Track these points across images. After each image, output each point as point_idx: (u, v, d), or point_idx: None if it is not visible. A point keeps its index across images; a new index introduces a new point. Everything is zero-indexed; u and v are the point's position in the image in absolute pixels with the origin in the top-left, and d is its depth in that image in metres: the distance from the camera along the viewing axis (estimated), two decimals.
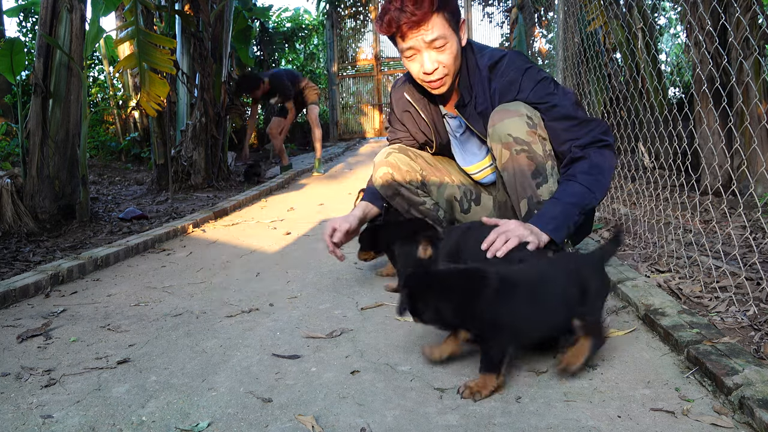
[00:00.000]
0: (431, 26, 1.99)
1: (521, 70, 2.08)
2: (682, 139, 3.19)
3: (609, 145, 2.01)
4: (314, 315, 2.22)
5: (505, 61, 2.12)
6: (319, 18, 13.63)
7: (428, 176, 2.51)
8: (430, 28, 1.99)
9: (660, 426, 1.33)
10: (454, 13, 2.05)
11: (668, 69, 7.18)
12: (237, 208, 5.19)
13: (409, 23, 1.98)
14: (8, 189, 3.88)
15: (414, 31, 2.00)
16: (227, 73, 6.99)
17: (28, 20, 9.65)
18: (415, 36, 2.01)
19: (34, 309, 2.44)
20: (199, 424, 1.41)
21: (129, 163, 9.60)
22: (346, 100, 13.61)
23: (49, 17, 4.16)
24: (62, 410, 1.52)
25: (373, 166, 2.53)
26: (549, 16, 9.44)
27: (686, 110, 3.15)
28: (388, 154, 2.48)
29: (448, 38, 2.03)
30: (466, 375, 1.62)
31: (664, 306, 1.94)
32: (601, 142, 1.99)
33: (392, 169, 2.45)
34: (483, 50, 2.18)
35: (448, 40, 2.03)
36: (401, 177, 2.45)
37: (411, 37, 2.01)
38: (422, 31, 1.99)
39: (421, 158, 2.52)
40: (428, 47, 2.03)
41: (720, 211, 3.48)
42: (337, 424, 1.39)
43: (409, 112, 2.43)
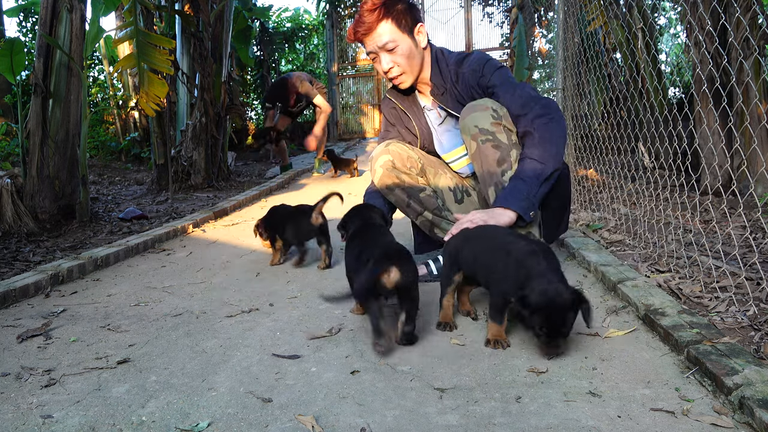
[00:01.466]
0: (380, 33, 2.34)
1: (483, 60, 2.41)
2: (682, 139, 3.19)
3: (554, 118, 2.21)
4: (314, 315, 2.22)
5: (471, 56, 2.45)
6: (319, 18, 13.64)
7: (425, 165, 2.60)
8: (380, 34, 2.34)
9: (660, 426, 1.33)
10: (403, 17, 2.36)
11: (668, 69, 7.18)
12: (237, 208, 5.19)
13: (362, 31, 2.35)
14: (8, 189, 3.88)
15: (368, 37, 2.36)
16: (227, 73, 6.99)
17: (28, 20, 9.66)
18: (370, 41, 2.37)
19: (34, 309, 2.44)
20: (199, 424, 1.41)
21: (129, 163, 9.61)
22: (346, 100, 13.61)
23: (49, 17, 4.16)
24: (62, 410, 1.52)
25: (371, 161, 2.57)
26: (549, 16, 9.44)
27: (686, 110, 3.15)
28: (387, 144, 2.56)
29: (398, 41, 2.35)
30: (466, 375, 1.62)
31: (664, 306, 1.94)
32: (547, 116, 2.20)
33: (393, 156, 2.50)
34: (451, 53, 2.51)
35: (398, 42, 2.35)
36: (402, 164, 2.51)
37: (368, 42, 2.38)
38: (374, 36, 2.35)
39: (417, 150, 2.62)
40: (382, 50, 2.36)
41: (720, 211, 3.48)
42: (337, 424, 1.39)
43: (395, 110, 2.67)
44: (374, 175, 2.54)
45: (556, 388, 1.52)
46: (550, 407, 1.43)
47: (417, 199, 2.52)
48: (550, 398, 1.47)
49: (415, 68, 2.42)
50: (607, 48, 6.48)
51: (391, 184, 2.52)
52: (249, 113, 13.03)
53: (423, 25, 2.44)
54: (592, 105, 6.10)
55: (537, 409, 1.42)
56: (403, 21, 2.35)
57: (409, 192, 2.52)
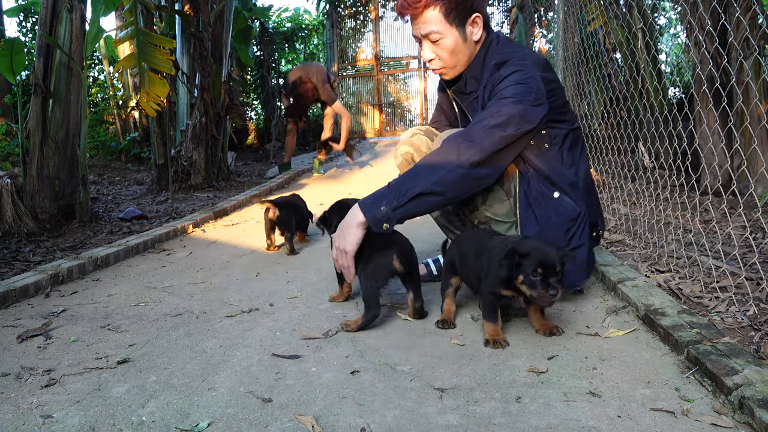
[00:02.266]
0: (425, 20, 2.12)
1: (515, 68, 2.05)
2: (682, 139, 3.19)
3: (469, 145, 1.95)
4: (314, 315, 2.22)
5: (511, 61, 2.10)
6: (319, 18, 13.64)
7: None
8: (425, 21, 2.12)
9: (660, 426, 1.33)
10: (455, 6, 2.09)
11: (668, 69, 7.18)
12: (237, 208, 5.19)
13: (407, 14, 2.15)
14: (8, 189, 3.88)
15: (413, 22, 2.16)
16: (227, 73, 6.99)
17: (28, 20, 9.66)
18: (415, 26, 2.17)
19: (34, 309, 2.44)
20: (199, 424, 1.41)
21: (129, 163, 9.61)
22: (346, 100, 13.59)
23: (49, 17, 4.16)
24: (62, 410, 1.52)
25: (398, 144, 2.53)
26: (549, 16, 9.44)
27: (686, 110, 3.15)
28: (413, 134, 2.50)
29: (443, 33, 2.12)
30: (466, 375, 1.62)
31: (664, 306, 1.94)
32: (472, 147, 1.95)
33: (413, 149, 2.46)
34: (505, 49, 2.17)
35: (443, 35, 2.12)
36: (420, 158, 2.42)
37: (413, 26, 2.17)
38: (420, 23, 2.14)
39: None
40: (427, 38, 2.16)
41: (720, 211, 3.48)
42: (337, 424, 1.39)
43: (445, 94, 2.51)
44: (396, 159, 2.53)
45: (556, 388, 1.52)
46: (550, 407, 1.43)
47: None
48: (550, 398, 1.47)
49: (460, 63, 2.20)
50: (607, 48, 6.48)
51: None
52: (249, 113, 13.03)
53: (480, 16, 2.14)
54: (592, 105, 6.10)
55: (537, 409, 1.42)
56: (454, 10, 2.09)
57: None
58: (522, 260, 1.72)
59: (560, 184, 2.14)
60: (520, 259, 1.72)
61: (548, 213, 2.13)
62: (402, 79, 13.48)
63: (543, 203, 2.13)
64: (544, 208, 2.13)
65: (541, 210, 2.13)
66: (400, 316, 2.15)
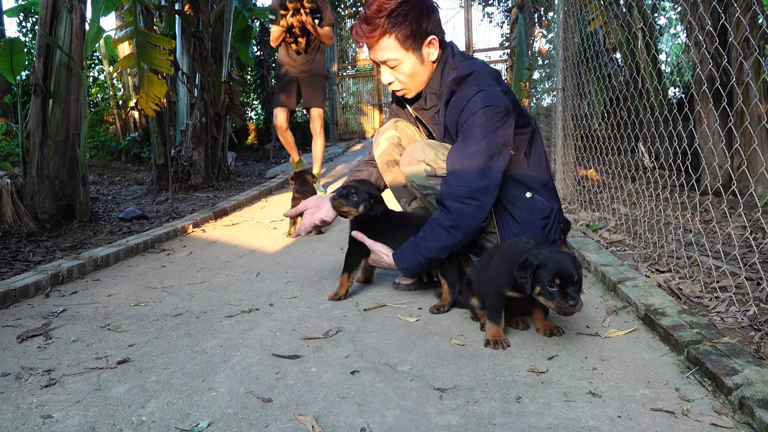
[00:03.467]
0: (381, 48, 2.18)
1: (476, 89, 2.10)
2: (682, 139, 3.19)
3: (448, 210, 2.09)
4: (314, 315, 2.22)
5: (470, 77, 2.14)
6: None
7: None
8: (381, 49, 2.18)
9: (660, 426, 1.33)
10: (410, 33, 2.14)
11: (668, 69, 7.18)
12: (237, 208, 5.19)
13: (363, 41, 2.21)
14: (8, 189, 3.88)
15: (370, 49, 2.23)
16: (227, 73, 6.99)
17: (28, 20, 9.66)
18: (371, 53, 2.24)
19: (34, 309, 2.44)
20: (199, 424, 1.41)
21: (129, 163, 9.61)
22: (346, 100, 13.60)
23: (49, 17, 4.16)
24: (62, 410, 1.52)
25: (377, 134, 2.52)
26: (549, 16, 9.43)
27: (686, 110, 3.15)
28: (396, 121, 2.50)
29: (400, 59, 2.18)
30: (466, 375, 1.62)
31: (664, 306, 1.94)
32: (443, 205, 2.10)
33: (400, 133, 2.46)
34: (460, 63, 2.23)
35: (400, 60, 2.18)
36: (408, 142, 2.45)
37: (370, 52, 2.25)
38: (376, 50, 2.21)
39: (423, 135, 2.53)
40: (385, 64, 2.22)
41: (720, 211, 3.48)
42: (337, 424, 1.39)
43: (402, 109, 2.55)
44: (376, 147, 2.49)
45: (556, 388, 1.52)
46: (550, 407, 1.43)
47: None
48: (550, 398, 1.47)
49: (420, 83, 2.27)
50: (607, 48, 6.48)
51: (392, 161, 2.46)
52: (249, 113, 13.02)
53: (436, 38, 2.19)
54: (592, 105, 6.10)
55: (537, 409, 1.42)
56: (410, 36, 2.13)
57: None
58: (537, 271, 1.67)
59: (531, 184, 2.25)
60: (534, 269, 1.67)
61: (525, 213, 2.21)
62: None
63: (517, 204, 2.21)
64: (519, 209, 2.21)
65: (517, 210, 2.21)
66: (400, 317, 2.15)
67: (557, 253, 1.72)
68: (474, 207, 2.06)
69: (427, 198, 2.33)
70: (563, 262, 1.67)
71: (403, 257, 2.20)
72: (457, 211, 2.07)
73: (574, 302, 1.65)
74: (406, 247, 2.21)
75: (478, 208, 2.07)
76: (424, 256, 2.13)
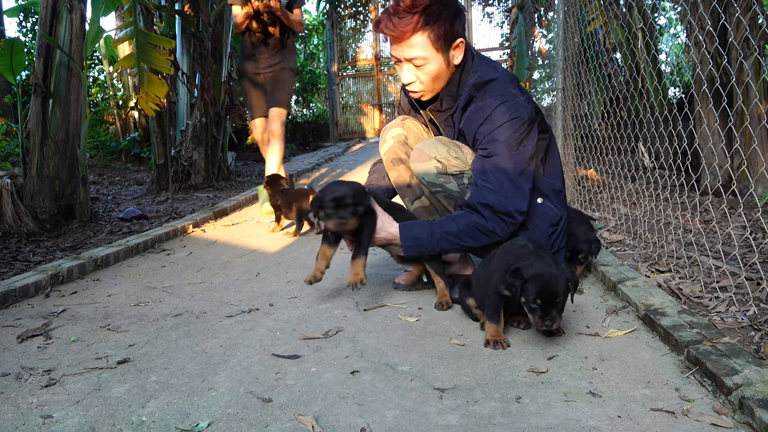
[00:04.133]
0: (411, 44, 2.07)
1: (499, 99, 2.08)
2: (682, 139, 3.19)
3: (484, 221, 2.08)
4: (314, 315, 2.22)
5: (492, 85, 2.12)
6: (319, 18, 13.64)
7: None
8: (411, 46, 2.08)
9: (660, 426, 1.33)
10: (443, 33, 2.07)
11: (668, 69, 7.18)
12: (237, 208, 5.19)
13: (391, 37, 2.09)
14: (8, 189, 3.88)
15: (396, 44, 2.11)
16: (227, 73, 6.98)
17: (28, 20, 9.65)
18: (397, 48, 2.12)
19: (34, 309, 2.44)
20: (199, 424, 1.41)
21: (129, 163, 9.60)
22: (346, 100, 13.61)
23: (49, 17, 4.16)
24: (62, 410, 1.52)
25: (384, 131, 2.49)
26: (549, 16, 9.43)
27: (686, 110, 3.15)
28: (403, 119, 2.46)
29: (429, 58, 2.09)
30: (466, 375, 1.62)
31: (664, 306, 1.94)
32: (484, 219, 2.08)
33: (407, 131, 2.43)
34: (479, 67, 2.20)
35: (428, 60, 2.10)
36: (414, 141, 2.42)
37: (394, 48, 2.13)
38: (403, 46, 2.09)
39: (431, 133, 2.51)
40: (407, 62, 2.12)
41: (720, 211, 3.48)
42: (337, 424, 1.39)
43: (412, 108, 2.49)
44: (383, 144, 2.46)
45: (556, 388, 1.52)
46: (550, 407, 1.43)
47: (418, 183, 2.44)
48: (550, 398, 1.47)
49: (438, 87, 2.20)
50: (607, 48, 6.48)
51: (397, 159, 2.43)
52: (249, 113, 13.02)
53: (464, 41, 2.14)
54: (592, 105, 6.10)
55: (537, 409, 1.42)
56: (442, 37, 2.07)
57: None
58: (525, 284, 1.71)
59: (545, 190, 2.24)
60: (522, 282, 1.71)
61: (534, 219, 2.21)
62: None
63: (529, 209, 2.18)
64: (529, 215, 2.19)
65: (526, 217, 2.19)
66: (400, 317, 2.15)
67: (549, 268, 1.72)
68: (509, 224, 2.09)
69: (435, 195, 2.30)
70: (550, 283, 1.69)
71: (409, 232, 2.14)
72: (493, 222, 2.07)
73: (551, 323, 1.71)
74: (416, 224, 2.18)
75: (511, 225, 2.10)
76: (435, 238, 2.10)
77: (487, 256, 2.06)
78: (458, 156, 2.22)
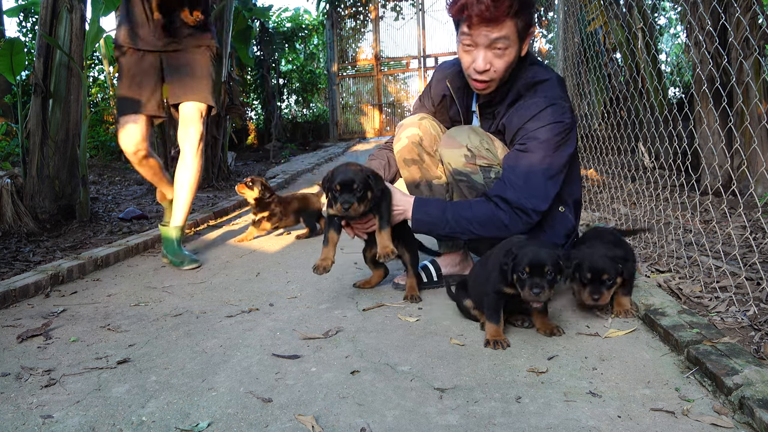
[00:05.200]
0: (502, 28, 2.01)
1: (549, 100, 2.09)
2: (682, 139, 3.19)
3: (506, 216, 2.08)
4: (314, 315, 2.22)
5: (544, 85, 2.14)
6: (319, 18, 13.63)
7: None
8: (500, 29, 2.01)
9: (660, 426, 1.33)
10: (527, 23, 2.07)
11: (668, 69, 7.18)
12: (237, 208, 5.19)
13: (481, 17, 1.98)
14: (8, 189, 3.88)
15: (483, 26, 2.01)
16: (227, 73, 6.98)
17: (28, 20, 9.65)
18: (481, 31, 2.02)
19: (34, 309, 2.44)
20: (199, 424, 1.41)
21: (129, 163, 9.59)
22: (346, 100, 13.60)
23: (49, 17, 4.16)
24: (62, 410, 1.52)
25: (400, 127, 2.45)
26: (549, 16, 9.43)
27: (686, 110, 3.15)
28: (421, 118, 2.42)
29: (511, 45, 2.05)
30: (466, 375, 1.62)
31: (664, 306, 1.94)
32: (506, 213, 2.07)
33: (423, 132, 2.38)
34: (532, 66, 2.20)
35: (510, 46, 2.05)
36: (429, 143, 2.39)
37: (477, 29, 2.02)
38: (492, 28, 2.01)
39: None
40: (488, 47, 2.05)
41: (720, 211, 3.48)
42: (337, 424, 1.39)
43: (445, 97, 2.44)
44: (397, 142, 2.43)
45: (556, 388, 1.52)
46: (550, 407, 1.43)
47: (428, 184, 2.43)
48: (550, 398, 1.47)
49: (506, 78, 2.15)
50: (607, 48, 6.48)
51: (410, 159, 2.40)
52: (249, 113, 13.02)
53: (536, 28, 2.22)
54: (592, 105, 6.10)
55: (537, 409, 1.42)
56: (526, 27, 2.06)
57: (425, 174, 2.42)
58: (515, 259, 1.75)
59: (567, 199, 2.25)
60: (514, 258, 1.75)
61: (555, 225, 2.23)
62: (402, 79, 13.47)
63: (550, 215, 2.20)
64: (550, 222, 2.22)
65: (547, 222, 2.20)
66: (400, 317, 2.15)
67: (540, 246, 1.77)
68: (524, 221, 2.08)
69: (459, 185, 2.26)
70: (538, 254, 1.73)
71: (423, 206, 2.13)
72: (509, 215, 2.07)
73: (539, 290, 1.72)
74: (431, 200, 2.18)
75: (526, 223, 2.09)
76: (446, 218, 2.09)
77: (484, 256, 2.06)
78: (489, 148, 2.20)
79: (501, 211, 2.07)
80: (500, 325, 1.85)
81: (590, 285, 1.95)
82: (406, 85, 13.43)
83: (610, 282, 1.94)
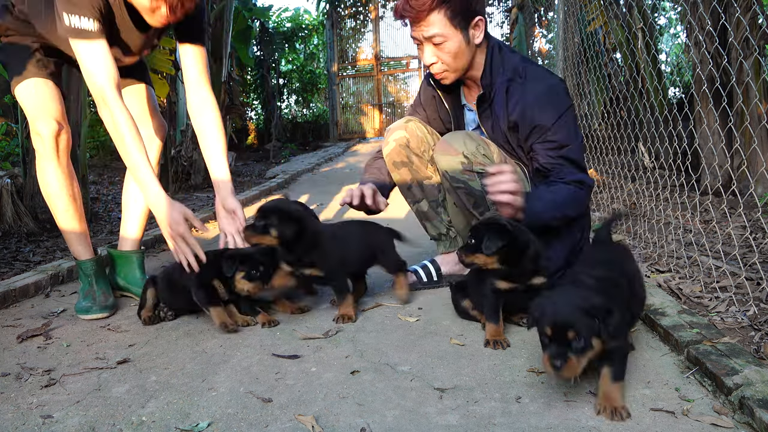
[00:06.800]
0: (429, 23, 2.10)
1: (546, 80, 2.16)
2: (682, 139, 3.19)
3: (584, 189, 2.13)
4: (314, 315, 2.22)
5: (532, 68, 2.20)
6: (319, 18, 13.63)
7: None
8: (429, 24, 2.10)
9: (660, 426, 1.33)
10: (460, 10, 2.10)
11: (668, 69, 7.18)
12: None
13: (409, 17, 2.12)
14: (8, 189, 3.88)
15: (415, 24, 2.13)
16: (227, 73, 6.98)
17: None
18: (416, 29, 2.14)
19: (34, 309, 2.44)
20: (199, 424, 1.41)
21: None
22: (346, 100, 13.61)
23: None
24: (62, 410, 1.52)
25: (388, 132, 2.48)
26: (549, 16, 9.44)
27: (686, 110, 3.15)
28: (407, 121, 2.45)
29: (447, 36, 2.11)
30: (466, 375, 1.62)
31: (664, 306, 1.94)
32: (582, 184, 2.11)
33: (409, 135, 2.41)
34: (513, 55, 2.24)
35: (447, 38, 2.11)
36: (416, 145, 2.41)
37: (414, 28, 2.15)
38: (422, 26, 2.12)
39: (436, 136, 2.48)
40: (427, 42, 2.14)
41: (720, 211, 3.48)
42: (337, 424, 1.39)
43: (434, 98, 2.47)
44: (385, 146, 2.47)
45: (556, 388, 1.52)
46: (550, 407, 1.43)
47: (419, 185, 2.45)
48: (550, 398, 1.47)
49: (461, 67, 2.20)
50: (607, 48, 6.48)
51: (399, 162, 2.43)
52: (249, 113, 13.03)
53: (483, 19, 2.16)
54: (592, 105, 6.09)
55: (537, 409, 1.42)
56: (459, 14, 2.09)
57: (415, 175, 2.44)
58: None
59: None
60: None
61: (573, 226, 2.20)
62: (402, 79, 13.48)
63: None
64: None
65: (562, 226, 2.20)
66: (399, 317, 2.15)
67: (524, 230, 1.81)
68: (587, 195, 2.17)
69: (456, 191, 2.26)
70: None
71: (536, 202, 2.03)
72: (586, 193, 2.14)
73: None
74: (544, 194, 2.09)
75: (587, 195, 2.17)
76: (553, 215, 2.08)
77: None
78: (486, 154, 2.20)
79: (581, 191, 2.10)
80: (500, 324, 1.85)
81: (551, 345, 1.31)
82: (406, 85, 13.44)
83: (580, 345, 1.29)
